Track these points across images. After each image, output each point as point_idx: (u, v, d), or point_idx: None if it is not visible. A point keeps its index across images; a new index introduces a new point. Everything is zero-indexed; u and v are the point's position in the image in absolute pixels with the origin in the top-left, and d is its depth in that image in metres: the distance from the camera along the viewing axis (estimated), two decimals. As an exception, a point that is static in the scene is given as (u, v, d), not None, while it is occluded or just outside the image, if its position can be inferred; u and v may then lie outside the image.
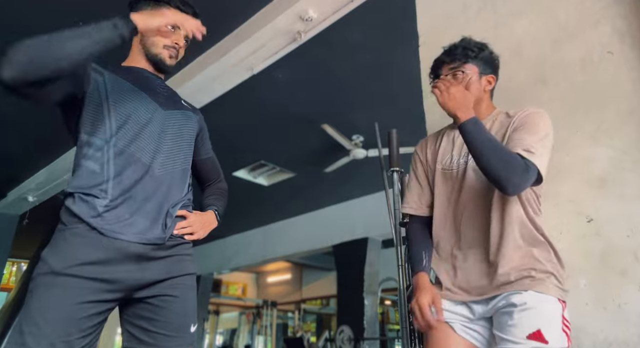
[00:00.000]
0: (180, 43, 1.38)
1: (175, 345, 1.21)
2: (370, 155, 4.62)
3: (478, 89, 1.37)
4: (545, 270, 1.17)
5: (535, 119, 1.26)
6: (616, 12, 1.48)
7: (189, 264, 1.30)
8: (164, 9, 1.33)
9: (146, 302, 1.21)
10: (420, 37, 2.00)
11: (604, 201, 1.38)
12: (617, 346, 1.26)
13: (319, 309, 10.70)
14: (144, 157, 1.26)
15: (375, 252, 6.19)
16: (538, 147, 1.19)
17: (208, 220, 1.39)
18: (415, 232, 1.43)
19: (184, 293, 1.26)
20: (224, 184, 1.58)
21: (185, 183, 1.35)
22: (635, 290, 1.27)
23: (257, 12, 2.82)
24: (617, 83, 1.43)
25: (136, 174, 1.23)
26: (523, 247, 1.20)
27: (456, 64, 1.37)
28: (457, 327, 1.27)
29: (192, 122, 1.42)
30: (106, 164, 1.21)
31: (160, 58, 1.37)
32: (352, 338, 5.73)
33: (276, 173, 5.59)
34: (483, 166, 1.18)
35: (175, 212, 1.28)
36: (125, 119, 1.26)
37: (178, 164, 1.33)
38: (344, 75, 3.58)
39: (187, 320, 1.25)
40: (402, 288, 1.74)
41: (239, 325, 10.80)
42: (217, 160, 1.58)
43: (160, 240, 1.22)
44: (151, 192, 1.24)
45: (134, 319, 1.22)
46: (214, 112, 3.80)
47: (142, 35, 1.35)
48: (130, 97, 1.29)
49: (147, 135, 1.28)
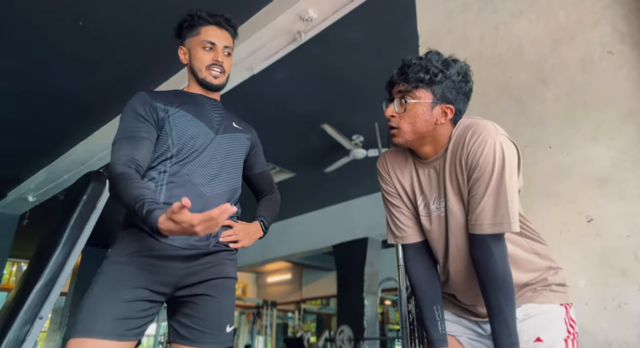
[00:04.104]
0: (220, 58, 1.46)
1: (210, 341, 1.30)
2: (370, 155, 4.62)
3: (426, 121, 1.15)
4: (541, 279, 1.17)
5: (488, 161, 1.08)
6: (616, 12, 1.48)
7: (230, 268, 1.40)
8: (203, 29, 1.46)
9: (188, 300, 1.32)
10: (420, 37, 2.00)
11: (604, 201, 1.37)
12: (617, 346, 1.26)
13: (319, 309, 10.70)
14: (196, 179, 1.36)
15: (375, 252, 6.20)
16: (502, 209, 1.06)
17: (253, 230, 1.49)
18: (418, 272, 1.26)
19: (222, 294, 1.35)
20: (276, 196, 1.68)
21: (233, 200, 1.45)
22: (635, 290, 1.27)
23: (257, 12, 2.82)
24: (617, 83, 1.43)
25: (187, 193, 1.31)
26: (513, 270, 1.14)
27: (406, 87, 1.16)
28: (464, 340, 1.25)
29: (241, 142, 1.52)
30: (160, 182, 1.34)
31: (206, 81, 1.47)
32: (352, 338, 5.73)
33: (276, 173, 5.59)
34: None
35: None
36: (183, 145, 1.37)
37: (226, 185, 1.43)
38: (344, 75, 3.57)
39: (222, 319, 1.34)
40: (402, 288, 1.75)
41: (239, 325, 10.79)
42: (270, 174, 1.69)
43: (204, 246, 1.33)
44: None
45: (177, 316, 1.33)
46: (214, 112, 3.80)
47: (190, 63, 1.48)
48: (190, 126, 1.40)
49: (201, 160, 1.38)
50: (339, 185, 5.83)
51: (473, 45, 1.82)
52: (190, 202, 1.00)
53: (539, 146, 1.54)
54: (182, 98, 1.46)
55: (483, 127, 1.12)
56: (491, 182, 1.08)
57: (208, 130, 1.43)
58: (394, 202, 1.29)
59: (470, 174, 1.12)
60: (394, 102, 1.19)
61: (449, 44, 1.89)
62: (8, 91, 3.69)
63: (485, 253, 1.08)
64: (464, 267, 1.18)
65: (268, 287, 11.55)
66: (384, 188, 1.32)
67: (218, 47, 1.46)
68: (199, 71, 1.46)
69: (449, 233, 1.18)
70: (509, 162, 1.08)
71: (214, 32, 1.47)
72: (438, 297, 1.24)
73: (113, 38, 3.03)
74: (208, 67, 1.46)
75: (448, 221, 1.18)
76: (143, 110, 1.35)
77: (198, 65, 1.46)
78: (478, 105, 1.72)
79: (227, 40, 1.50)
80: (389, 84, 1.21)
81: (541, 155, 1.53)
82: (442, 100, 1.15)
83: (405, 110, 1.16)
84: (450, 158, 1.17)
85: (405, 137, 1.18)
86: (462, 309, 1.26)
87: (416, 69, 1.14)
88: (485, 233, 1.08)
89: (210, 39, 1.45)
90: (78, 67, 3.40)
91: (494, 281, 1.07)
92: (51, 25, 2.93)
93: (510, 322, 1.04)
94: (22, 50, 3.18)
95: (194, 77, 1.49)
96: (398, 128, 1.18)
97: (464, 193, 1.14)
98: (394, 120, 1.19)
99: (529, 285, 1.16)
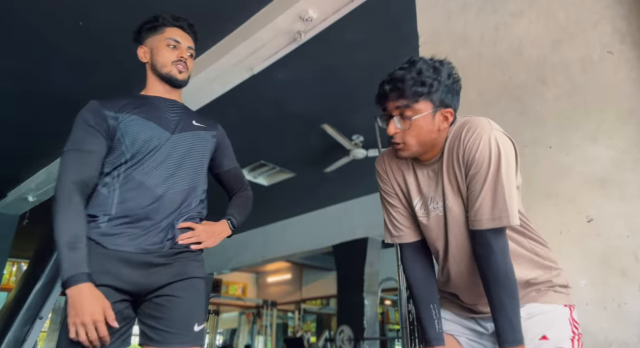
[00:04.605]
0: (185, 56, 1.48)
1: (177, 342, 1.28)
2: (370, 155, 4.62)
3: (430, 131, 1.14)
4: (545, 280, 1.16)
5: (484, 157, 1.08)
6: (616, 12, 1.48)
7: (194, 269, 1.39)
8: (167, 29, 1.48)
9: (154, 302, 1.32)
10: (420, 37, 2.00)
11: (604, 201, 1.37)
12: (617, 346, 1.26)
13: (319, 309, 10.71)
14: (150, 180, 1.36)
15: (375, 252, 6.20)
16: (500, 203, 1.07)
17: (218, 229, 1.48)
18: (414, 272, 1.26)
19: (189, 294, 1.34)
20: (247, 193, 1.65)
21: (194, 198, 1.43)
22: (635, 290, 1.27)
23: (257, 12, 2.83)
24: (617, 83, 1.43)
25: (139, 196, 1.33)
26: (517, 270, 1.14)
27: (404, 103, 1.12)
28: (463, 340, 1.24)
29: (204, 140, 1.51)
30: (113, 186, 1.34)
31: (171, 74, 1.46)
32: (352, 338, 5.73)
33: (276, 173, 5.59)
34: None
35: (178, 224, 1.38)
36: (137, 150, 1.37)
37: (185, 182, 1.42)
38: (344, 75, 3.58)
39: (190, 319, 1.32)
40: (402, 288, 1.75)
41: (239, 325, 10.80)
42: (240, 171, 1.66)
43: (157, 250, 1.32)
44: (153, 211, 1.34)
45: (144, 318, 1.32)
46: (214, 112, 3.80)
47: (151, 61, 1.48)
48: (143, 129, 1.40)
49: (154, 160, 1.38)
50: (339, 185, 5.83)
51: (473, 45, 1.82)
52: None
53: (539, 146, 1.54)
54: (136, 102, 1.45)
55: (477, 123, 1.12)
56: (488, 177, 1.08)
57: (162, 130, 1.42)
58: (392, 201, 1.29)
59: (467, 171, 1.12)
60: (394, 119, 1.15)
61: (449, 44, 1.89)
62: (8, 91, 3.70)
63: (486, 249, 1.08)
64: (465, 266, 1.18)
65: (268, 287, 11.55)
66: (382, 188, 1.32)
67: (182, 46, 1.48)
68: (163, 66, 1.46)
69: (448, 232, 1.18)
70: (505, 156, 1.08)
71: (178, 32, 1.49)
72: (435, 296, 1.24)
73: (113, 38, 3.03)
74: (173, 62, 1.46)
75: (447, 220, 1.18)
76: (93, 120, 1.35)
77: (162, 61, 1.46)
78: (478, 105, 1.72)
79: (190, 42, 1.52)
80: (382, 98, 1.16)
81: (541, 155, 1.53)
82: (441, 106, 1.14)
83: (410, 127, 1.14)
84: (447, 156, 1.17)
85: (412, 150, 1.17)
86: (462, 308, 1.26)
87: (410, 83, 1.11)
88: (484, 228, 1.08)
89: (175, 37, 1.47)
90: (78, 67, 3.40)
91: (496, 277, 1.07)
92: (51, 25, 2.93)
93: (513, 318, 1.04)
94: (22, 50, 3.18)
95: (155, 75, 1.49)
96: (403, 143, 1.16)
97: (463, 190, 1.15)
98: (397, 137, 1.16)
99: (533, 285, 1.16)
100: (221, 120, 1.62)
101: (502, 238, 1.09)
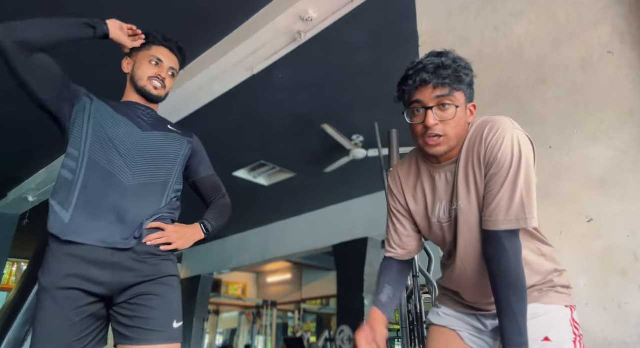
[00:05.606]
0: (163, 74, 1.53)
1: (155, 339, 1.29)
2: (370, 155, 4.62)
3: (465, 124, 1.13)
4: (547, 281, 1.16)
5: (506, 157, 1.06)
6: (616, 12, 1.48)
7: (167, 268, 1.40)
8: (154, 47, 1.54)
9: (127, 302, 1.32)
10: (420, 37, 2.00)
11: (604, 201, 1.37)
12: (617, 346, 1.27)
13: (319, 309, 10.71)
14: (115, 169, 1.37)
15: (375, 252, 6.19)
16: (517, 205, 1.05)
17: (190, 231, 1.47)
18: (390, 269, 1.30)
19: (165, 291, 1.36)
20: (225, 200, 1.64)
21: (164, 196, 1.44)
22: (635, 290, 1.27)
23: (257, 12, 2.83)
24: (617, 83, 1.43)
25: (104, 184, 1.34)
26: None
27: (445, 91, 1.08)
28: (465, 336, 1.24)
29: (178, 142, 1.54)
30: (77, 172, 1.35)
31: (146, 89, 1.51)
32: (352, 338, 5.73)
33: (276, 173, 5.59)
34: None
35: (147, 223, 1.38)
36: (103, 137, 1.40)
37: (157, 177, 1.43)
38: (344, 75, 3.57)
39: (168, 316, 1.34)
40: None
41: (239, 325, 10.81)
42: (217, 178, 1.66)
43: (122, 245, 1.32)
44: (117, 201, 1.34)
45: (118, 317, 1.33)
46: (214, 112, 3.80)
47: (132, 72, 1.54)
48: (110, 119, 1.44)
49: (121, 150, 1.40)
50: (339, 185, 5.83)
51: (473, 45, 1.82)
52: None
53: (539, 146, 1.52)
54: (113, 103, 1.50)
55: (500, 123, 1.10)
56: (508, 177, 1.06)
57: (133, 125, 1.45)
58: (400, 219, 1.29)
59: (487, 170, 1.10)
60: (432, 110, 1.09)
61: (449, 44, 1.89)
62: (8, 91, 3.69)
63: (499, 250, 1.06)
64: (470, 266, 1.17)
65: (268, 287, 11.55)
66: (392, 205, 1.30)
67: (164, 65, 1.53)
68: (140, 79, 1.51)
69: (458, 233, 1.17)
70: (526, 157, 1.07)
71: (164, 52, 1.54)
72: (397, 287, 1.27)
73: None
74: (150, 78, 1.51)
75: (458, 221, 1.16)
76: (70, 85, 1.45)
77: (140, 74, 1.51)
78: (478, 105, 1.71)
79: (174, 62, 1.57)
80: (418, 88, 1.09)
81: (541, 155, 1.52)
82: (469, 99, 1.13)
83: (454, 116, 1.09)
84: (465, 155, 1.14)
85: (450, 144, 1.12)
86: (464, 305, 1.26)
87: (451, 70, 1.07)
88: (499, 229, 1.06)
89: (159, 56, 1.53)
90: (78, 68, 3.40)
91: (507, 279, 1.05)
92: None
93: (520, 321, 1.03)
94: (22, 50, 3.18)
95: (132, 86, 1.54)
96: (444, 135, 1.10)
97: (480, 190, 1.12)
98: (437, 128, 1.09)
99: (535, 285, 1.16)
100: (221, 120, 1.63)
101: (516, 240, 1.07)
